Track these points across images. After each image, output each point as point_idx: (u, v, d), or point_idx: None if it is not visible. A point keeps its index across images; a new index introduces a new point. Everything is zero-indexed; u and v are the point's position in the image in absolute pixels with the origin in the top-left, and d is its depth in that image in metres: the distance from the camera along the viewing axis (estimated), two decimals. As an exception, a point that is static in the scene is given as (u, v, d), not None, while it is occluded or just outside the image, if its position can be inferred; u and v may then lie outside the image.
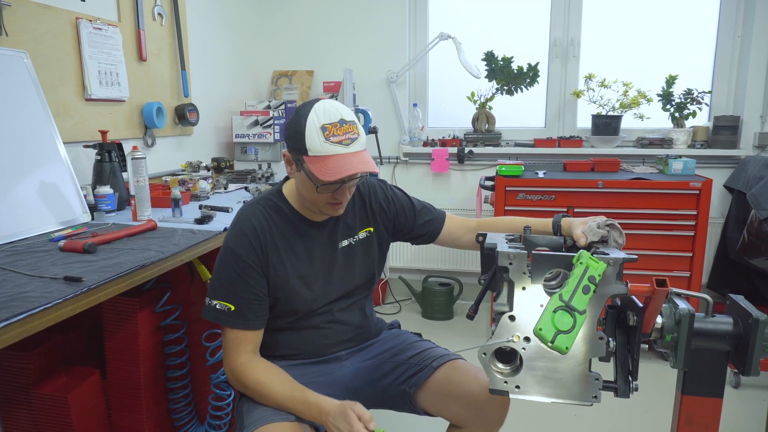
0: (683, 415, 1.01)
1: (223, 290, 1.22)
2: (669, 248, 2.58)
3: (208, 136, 2.92)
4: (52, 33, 1.86)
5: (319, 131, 1.14)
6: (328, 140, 1.14)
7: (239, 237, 1.23)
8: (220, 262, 1.24)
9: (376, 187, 1.43)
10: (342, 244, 1.35)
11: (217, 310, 1.21)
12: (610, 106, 3.06)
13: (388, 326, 1.53)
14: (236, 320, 1.22)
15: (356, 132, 1.18)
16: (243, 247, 1.22)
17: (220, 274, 1.24)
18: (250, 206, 1.29)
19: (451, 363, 1.35)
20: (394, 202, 1.43)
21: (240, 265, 1.21)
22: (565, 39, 3.21)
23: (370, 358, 1.42)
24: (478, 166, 3.33)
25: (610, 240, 1.13)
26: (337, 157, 1.14)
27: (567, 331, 0.86)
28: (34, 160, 1.61)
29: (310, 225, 1.31)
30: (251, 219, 1.25)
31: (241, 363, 1.23)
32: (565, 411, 2.20)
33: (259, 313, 1.25)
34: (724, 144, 2.97)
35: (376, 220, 1.40)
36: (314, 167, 1.15)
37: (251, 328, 1.24)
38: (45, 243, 1.42)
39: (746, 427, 2.11)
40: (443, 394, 1.32)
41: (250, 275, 1.22)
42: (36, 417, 1.49)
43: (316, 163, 1.15)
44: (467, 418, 1.31)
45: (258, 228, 1.24)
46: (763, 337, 0.92)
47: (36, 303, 0.98)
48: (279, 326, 1.32)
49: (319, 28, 3.42)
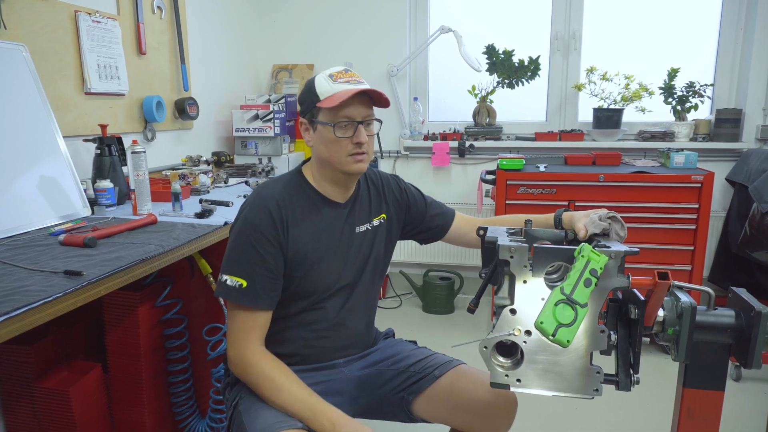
0: (684, 408, 1.01)
1: (235, 264, 1.18)
2: (670, 242, 2.58)
3: (208, 130, 2.91)
4: (50, 26, 1.85)
5: (327, 78, 1.22)
6: (337, 81, 1.21)
7: (259, 210, 1.20)
8: (236, 235, 1.20)
9: (389, 179, 1.45)
10: (359, 228, 1.34)
11: (228, 286, 1.17)
12: (612, 100, 3.05)
13: (384, 335, 1.51)
14: (246, 297, 1.17)
15: (362, 80, 1.24)
16: (262, 220, 1.19)
17: (234, 246, 1.20)
18: (271, 183, 1.28)
19: (455, 370, 1.34)
20: (407, 192, 1.45)
21: (256, 237, 1.18)
22: (567, 32, 3.19)
23: (369, 367, 1.39)
24: (479, 159, 3.32)
25: (612, 232, 1.12)
26: (347, 90, 1.19)
27: (568, 325, 0.86)
28: (34, 154, 1.60)
29: (330, 205, 1.30)
30: (273, 194, 1.23)
31: (253, 351, 1.18)
32: (566, 404, 2.20)
33: (270, 291, 1.20)
34: (726, 137, 2.96)
35: (389, 209, 1.41)
36: (327, 103, 1.18)
37: (261, 307, 1.19)
38: (45, 237, 1.41)
39: (748, 420, 2.12)
40: (451, 403, 1.30)
41: (266, 249, 1.18)
42: (37, 411, 1.49)
43: (327, 101, 1.19)
44: (475, 426, 1.30)
45: (280, 202, 1.22)
46: (765, 330, 0.91)
47: (36, 297, 0.98)
48: (284, 314, 1.27)
49: (319, 21, 3.40)
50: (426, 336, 2.86)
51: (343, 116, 1.20)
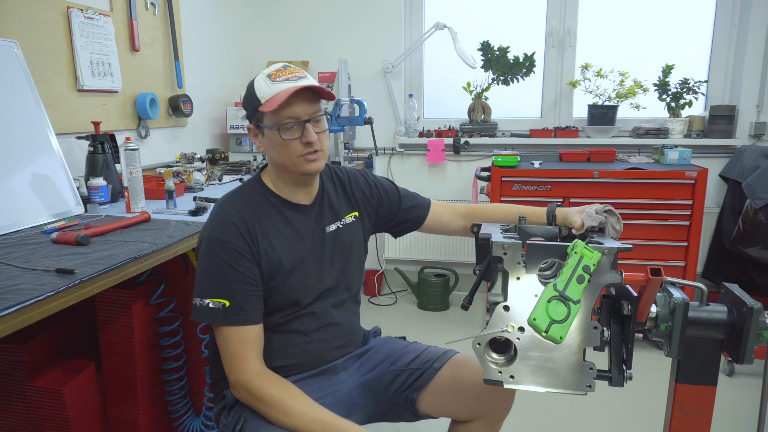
0: (677, 403, 1.02)
1: (213, 285, 1.13)
2: (664, 238, 2.59)
3: (202, 127, 2.90)
4: (42, 22, 1.84)
5: (265, 78, 1.16)
6: (276, 81, 1.15)
7: (224, 226, 1.15)
8: (206, 256, 1.15)
9: (356, 175, 1.40)
10: (329, 228, 1.30)
11: (211, 309, 1.11)
12: (606, 96, 3.05)
13: (373, 333, 1.49)
14: (235, 316, 1.12)
15: (304, 74, 1.18)
16: (229, 235, 1.14)
17: (208, 268, 1.14)
18: (228, 197, 1.23)
19: (453, 360, 1.34)
20: (377, 187, 1.41)
21: (229, 254, 1.13)
22: (562, 29, 3.19)
23: (370, 371, 1.37)
24: (474, 156, 3.32)
25: (608, 226, 1.13)
26: (286, 89, 1.13)
27: (561, 321, 0.86)
28: (26, 152, 1.59)
29: (295, 209, 1.25)
30: (234, 208, 1.18)
31: (252, 373, 1.12)
32: (560, 400, 2.21)
33: (255, 305, 1.16)
34: (720, 134, 2.97)
35: (358, 205, 1.37)
36: (268, 106, 1.13)
37: (251, 323, 1.14)
38: (37, 235, 1.40)
39: (740, 414, 2.13)
40: (455, 393, 1.30)
41: (240, 263, 1.13)
42: (31, 410, 1.49)
43: (267, 104, 1.14)
44: (478, 410, 1.30)
45: (244, 215, 1.17)
46: (757, 325, 0.92)
47: (28, 295, 0.97)
48: (272, 324, 1.22)
49: (314, 18, 3.39)
50: (421, 333, 2.87)
51: (288, 117, 1.15)
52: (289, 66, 1.19)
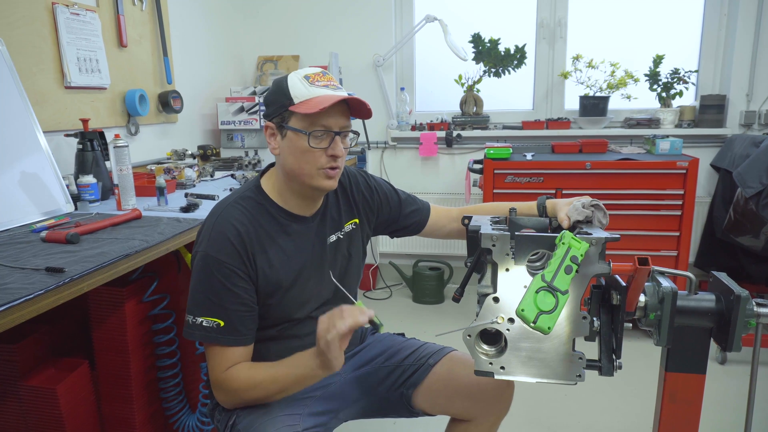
0: (667, 391, 1.03)
1: (208, 304, 1.10)
2: (656, 228, 2.60)
3: (193, 123, 2.88)
4: (27, 18, 1.82)
5: (302, 79, 1.11)
6: (314, 84, 1.10)
7: (221, 243, 1.10)
8: (201, 273, 1.11)
9: (357, 177, 1.36)
10: (330, 239, 1.26)
11: (204, 327, 1.09)
12: (598, 87, 3.06)
13: (370, 330, 1.47)
14: (227, 337, 1.10)
15: (339, 84, 1.15)
16: (226, 254, 1.09)
17: (203, 286, 1.10)
18: (228, 207, 1.16)
19: (449, 356, 1.33)
20: (378, 191, 1.38)
21: (225, 274, 1.09)
22: (552, 20, 3.19)
23: (363, 365, 1.36)
24: (467, 149, 3.32)
25: (595, 220, 1.13)
26: (327, 96, 1.09)
27: (549, 312, 0.87)
28: (13, 150, 1.58)
29: (297, 220, 1.20)
30: (232, 221, 1.12)
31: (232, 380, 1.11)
32: (554, 390, 2.23)
33: (250, 326, 1.13)
34: (711, 123, 2.98)
35: (359, 212, 1.34)
36: (303, 108, 1.08)
37: (243, 344, 1.12)
38: (27, 234, 1.39)
39: (731, 402, 2.15)
40: (450, 390, 1.30)
41: (237, 284, 1.10)
42: (25, 409, 1.48)
43: (302, 106, 1.08)
44: (476, 411, 1.30)
45: (242, 231, 1.11)
46: (744, 313, 0.93)
47: (17, 294, 0.97)
48: (268, 336, 1.21)
49: (304, 12, 3.37)
50: (416, 326, 2.88)
51: (321, 125, 1.10)
52: (328, 73, 1.15)
